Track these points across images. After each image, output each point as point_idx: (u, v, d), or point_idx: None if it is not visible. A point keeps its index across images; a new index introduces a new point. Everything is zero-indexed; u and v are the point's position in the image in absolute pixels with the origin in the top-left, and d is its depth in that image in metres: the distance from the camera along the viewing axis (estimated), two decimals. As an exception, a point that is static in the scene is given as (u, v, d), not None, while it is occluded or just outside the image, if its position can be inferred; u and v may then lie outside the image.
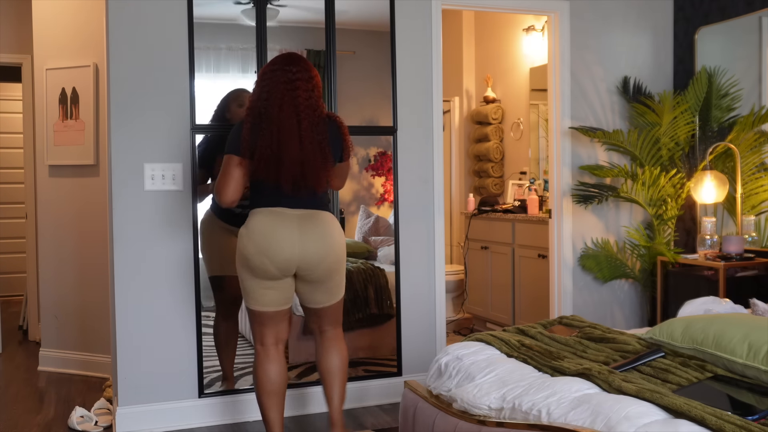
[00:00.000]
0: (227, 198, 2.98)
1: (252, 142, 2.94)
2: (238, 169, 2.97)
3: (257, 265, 2.96)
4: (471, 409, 2.38)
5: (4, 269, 7.86)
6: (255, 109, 2.97)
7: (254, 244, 2.95)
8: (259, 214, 3.00)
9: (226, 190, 2.97)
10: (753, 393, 2.17)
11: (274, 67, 3.02)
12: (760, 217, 4.20)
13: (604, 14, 4.59)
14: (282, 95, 2.95)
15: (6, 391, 4.50)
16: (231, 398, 3.81)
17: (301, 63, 3.03)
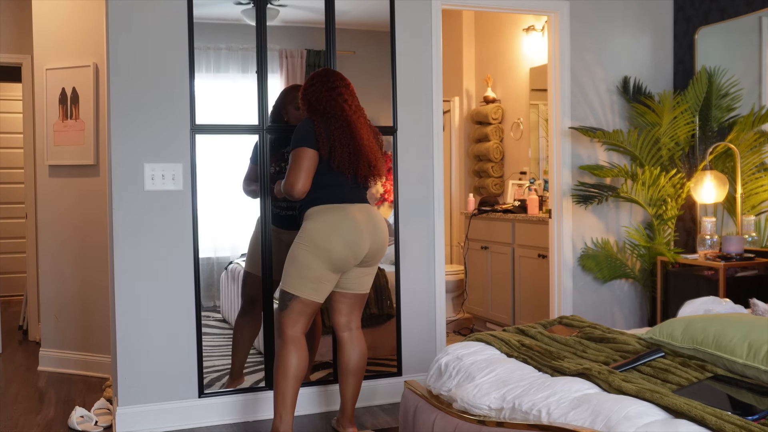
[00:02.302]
0: (302, 188, 3.17)
1: (327, 137, 3.19)
2: (312, 162, 3.19)
3: (340, 257, 3.19)
4: (471, 409, 2.38)
5: (4, 269, 7.86)
6: (318, 110, 3.26)
7: (342, 237, 3.17)
8: (337, 209, 3.23)
9: (301, 180, 3.16)
10: (753, 393, 2.17)
11: (314, 81, 3.35)
12: (760, 217, 4.20)
13: (604, 14, 4.59)
14: (337, 98, 3.28)
15: (6, 391, 4.50)
16: (231, 398, 3.81)
17: (338, 75, 3.41)
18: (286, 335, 3.23)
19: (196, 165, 3.73)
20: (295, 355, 3.21)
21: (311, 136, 3.19)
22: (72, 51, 4.79)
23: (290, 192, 3.18)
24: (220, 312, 4.05)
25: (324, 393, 3.95)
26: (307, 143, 3.19)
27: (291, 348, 3.22)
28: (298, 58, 4.03)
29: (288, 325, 3.24)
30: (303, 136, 3.20)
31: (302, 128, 3.23)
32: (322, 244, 3.17)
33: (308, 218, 3.24)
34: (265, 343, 3.87)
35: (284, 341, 3.24)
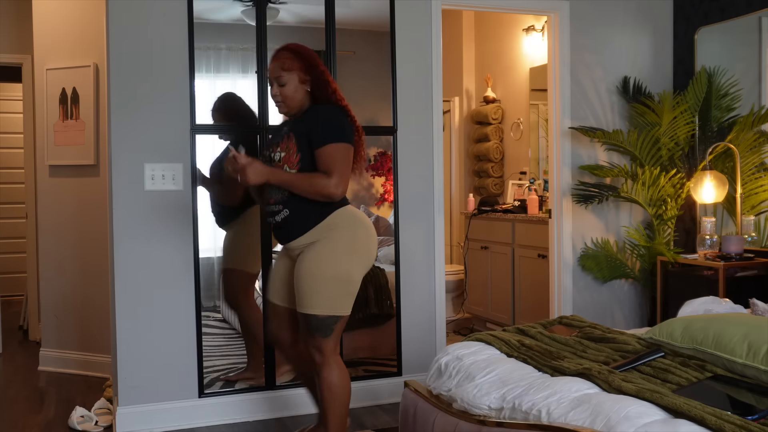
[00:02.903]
0: (345, 191, 2.84)
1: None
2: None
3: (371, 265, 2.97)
4: (471, 409, 2.38)
5: (4, 269, 7.86)
6: (336, 96, 2.89)
7: (375, 243, 2.94)
8: (361, 213, 3.01)
9: (347, 182, 2.83)
10: (753, 393, 2.17)
11: (318, 59, 2.95)
12: (759, 217, 4.20)
13: (604, 14, 4.59)
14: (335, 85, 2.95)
15: (6, 391, 4.50)
16: (231, 398, 3.81)
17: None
18: (333, 360, 2.88)
19: (196, 165, 3.73)
20: (347, 377, 2.92)
21: (351, 131, 2.86)
22: (72, 51, 4.79)
23: (336, 193, 2.77)
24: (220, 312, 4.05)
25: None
26: (351, 140, 2.85)
27: (343, 371, 2.91)
28: (298, 58, 4.02)
29: (332, 348, 2.89)
30: (347, 130, 2.83)
31: (342, 119, 2.85)
32: (369, 252, 2.90)
33: (344, 225, 2.86)
34: (265, 342, 3.87)
35: (331, 365, 2.87)
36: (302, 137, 2.82)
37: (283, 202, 2.84)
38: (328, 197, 2.80)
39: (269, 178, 2.80)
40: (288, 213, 2.85)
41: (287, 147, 2.83)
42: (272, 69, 2.87)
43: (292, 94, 2.86)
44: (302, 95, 2.88)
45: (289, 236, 2.89)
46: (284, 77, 2.84)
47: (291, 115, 2.94)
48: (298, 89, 2.87)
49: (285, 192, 2.83)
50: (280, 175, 2.81)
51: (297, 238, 2.86)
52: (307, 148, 2.81)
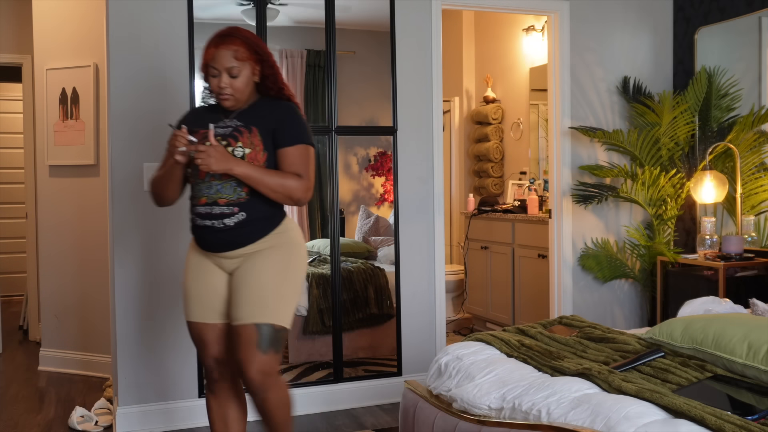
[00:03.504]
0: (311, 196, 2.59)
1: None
2: None
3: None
4: (471, 409, 2.38)
5: (4, 269, 7.86)
6: (289, 93, 2.65)
7: (306, 253, 2.68)
8: (293, 221, 2.67)
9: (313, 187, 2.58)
10: (753, 393, 2.17)
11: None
12: (759, 217, 4.20)
13: (604, 14, 4.59)
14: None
15: (6, 391, 4.50)
16: (231, 398, 3.81)
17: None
18: (279, 377, 2.54)
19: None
20: (289, 392, 2.60)
21: (312, 133, 2.64)
22: (72, 51, 4.79)
23: (305, 199, 2.53)
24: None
25: (324, 393, 3.95)
26: (312, 140, 2.61)
27: (287, 387, 2.59)
28: (298, 58, 4.04)
29: (278, 365, 2.53)
30: (308, 131, 2.60)
31: (303, 119, 2.61)
32: (304, 264, 2.64)
33: (293, 232, 2.60)
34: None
35: (280, 383, 2.54)
36: (268, 134, 2.51)
37: (239, 204, 2.47)
38: (296, 202, 2.52)
39: (233, 168, 2.42)
40: (244, 216, 2.48)
41: (251, 143, 2.49)
42: (221, 58, 2.49)
43: (243, 88, 2.52)
44: (252, 89, 2.57)
45: (239, 242, 2.50)
46: (237, 68, 2.49)
47: (235, 106, 2.56)
48: (249, 82, 2.55)
49: (241, 192, 2.47)
50: (246, 166, 2.44)
51: (248, 245, 2.50)
52: (271, 147, 2.51)
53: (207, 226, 2.50)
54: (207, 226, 2.50)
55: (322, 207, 4.13)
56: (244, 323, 2.46)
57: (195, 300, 2.59)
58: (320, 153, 4.09)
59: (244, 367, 2.46)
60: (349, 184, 4.20)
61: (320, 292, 4.00)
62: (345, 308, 4.03)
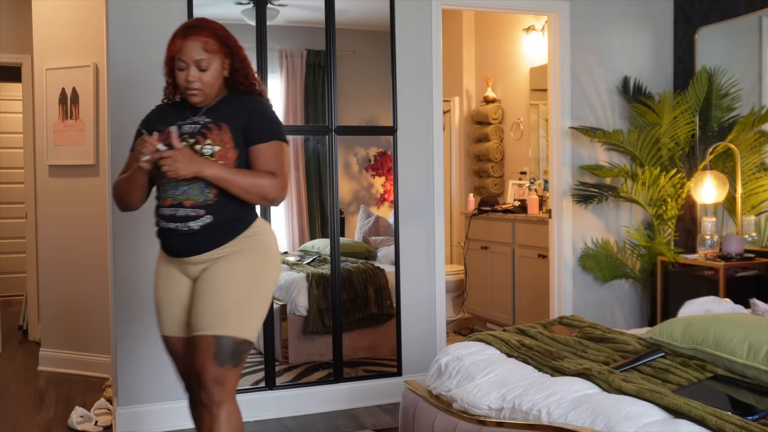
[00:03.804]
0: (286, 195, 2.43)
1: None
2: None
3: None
4: (471, 409, 2.38)
5: (4, 269, 7.86)
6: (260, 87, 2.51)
7: (280, 259, 2.52)
8: (266, 223, 2.51)
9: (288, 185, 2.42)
10: (753, 393, 2.17)
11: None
12: (760, 217, 4.20)
13: (604, 14, 4.59)
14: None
15: (6, 391, 4.50)
16: (231, 398, 3.80)
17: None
18: (234, 397, 2.37)
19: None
20: (241, 417, 2.42)
21: (284, 129, 2.49)
22: (72, 51, 4.79)
23: (280, 198, 2.39)
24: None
25: (324, 393, 3.95)
26: (285, 136, 2.45)
27: (239, 411, 2.40)
28: (298, 58, 4.03)
29: (235, 381, 2.36)
30: (280, 126, 2.45)
31: (275, 115, 2.46)
32: (280, 269, 2.49)
33: (262, 235, 2.42)
34: (265, 342, 3.87)
35: (233, 403, 2.36)
36: (238, 131, 2.36)
37: (206, 207, 2.32)
38: (272, 201, 2.37)
39: (203, 170, 2.27)
40: (211, 219, 2.32)
41: (221, 140, 2.34)
42: (189, 49, 2.35)
43: (212, 82, 2.37)
44: (221, 83, 2.42)
45: (204, 247, 2.34)
46: (206, 61, 2.35)
47: (204, 102, 2.41)
48: (219, 76, 2.40)
49: (209, 193, 2.33)
50: (216, 167, 2.29)
51: (213, 250, 2.34)
52: (243, 144, 2.36)
53: (171, 228, 2.35)
54: (171, 228, 2.35)
55: (322, 207, 4.13)
56: (203, 334, 2.29)
57: (166, 314, 2.45)
58: (320, 153, 4.09)
59: (199, 377, 2.30)
60: (349, 184, 4.20)
61: (320, 292, 4.00)
62: (345, 308, 4.03)
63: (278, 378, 3.91)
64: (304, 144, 4.10)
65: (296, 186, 4.13)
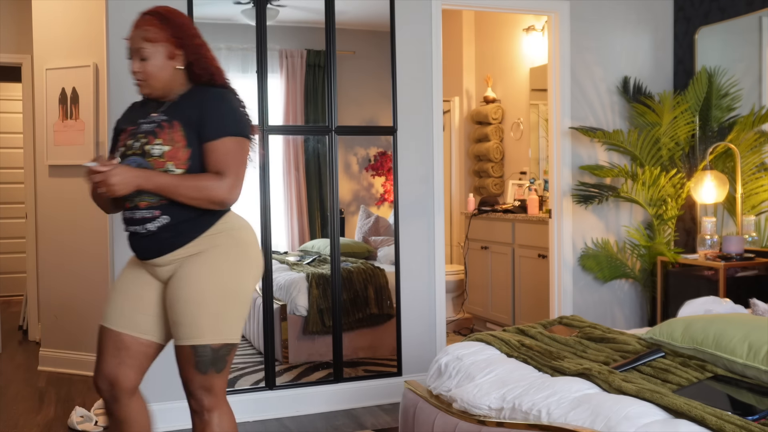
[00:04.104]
0: (240, 194, 2.26)
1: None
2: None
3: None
4: (471, 409, 2.38)
5: (4, 269, 7.86)
6: (221, 78, 2.36)
7: (259, 253, 2.40)
8: (242, 217, 2.40)
9: (242, 184, 2.26)
10: (753, 393, 2.17)
11: (193, 25, 2.39)
12: (760, 217, 4.20)
13: (604, 14, 4.59)
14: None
15: (6, 391, 4.50)
16: (230, 398, 3.78)
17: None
18: (225, 402, 2.35)
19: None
20: (235, 421, 2.43)
21: (249, 125, 2.31)
22: (72, 51, 4.79)
23: (230, 199, 2.21)
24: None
25: (324, 393, 3.95)
26: (249, 135, 2.30)
27: (232, 414, 2.41)
28: (298, 58, 4.03)
29: (224, 387, 2.34)
30: (244, 123, 2.29)
31: (239, 108, 2.30)
32: (260, 263, 2.37)
33: (233, 231, 2.30)
34: (265, 342, 3.87)
35: (224, 409, 2.36)
36: (191, 127, 2.22)
37: (161, 207, 2.22)
38: (221, 204, 2.21)
39: (142, 184, 2.17)
40: (168, 219, 2.23)
41: (171, 138, 2.21)
42: (133, 38, 2.28)
43: (156, 72, 2.25)
44: (170, 74, 2.28)
45: (165, 248, 2.24)
46: (147, 50, 2.25)
47: (156, 96, 2.32)
48: (166, 66, 2.26)
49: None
50: (156, 178, 2.18)
51: (176, 250, 2.24)
52: (196, 142, 2.22)
53: (132, 232, 2.28)
54: (132, 232, 2.28)
55: (322, 207, 4.13)
56: (181, 344, 2.23)
57: (113, 303, 2.35)
58: (320, 153, 4.09)
59: (185, 385, 2.28)
60: (349, 184, 4.20)
61: (320, 292, 4.00)
62: (345, 308, 4.03)
63: (278, 378, 3.91)
64: (304, 144, 4.10)
65: (296, 186, 4.13)
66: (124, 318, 2.33)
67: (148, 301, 2.33)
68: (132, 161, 2.23)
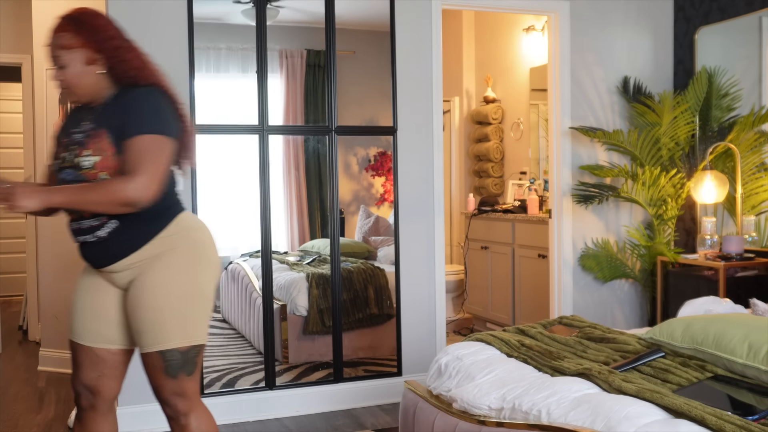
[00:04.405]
0: (158, 193, 2.11)
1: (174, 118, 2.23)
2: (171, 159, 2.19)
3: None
4: (471, 409, 2.38)
5: (4, 269, 7.86)
6: (151, 75, 2.23)
7: (216, 253, 2.34)
8: (195, 216, 2.36)
9: (161, 182, 2.11)
10: (753, 393, 2.17)
11: (114, 26, 2.28)
12: (760, 217, 4.20)
13: (604, 14, 4.59)
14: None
15: (6, 391, 4.50)
16: (231, 398, 3.81)
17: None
18: (200, 403, 2.29)
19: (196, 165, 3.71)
20: (214, 421, 2.34)
21: (172, 120, 2.18)
22: (72, 51, 4.78)
23: (140, 198, 2.05)
24: (220, 312, 4.06)
25: (324, 393, 3.95)
26: (171, 131, 2.16)
27: (210, 414, 2.33)
28: (298, 58, 4.03)
29: (197, 389, 2.29)
30: (164, 118, 2.15)
31: (159, 103, 2.16)
32: (217, 259, 2.31)
33: (188, 230, 2.23)
34: (265, 342, 3.87)
35: (200, 410, 2.29)
36: (116, 133, 2.11)
37: (102, 213, 2.13)
38: (132, 205, 2.06)
39: (49, 201, 2.07)
40: (117, 224, 2.14)
41: (99, 148, 2.10)
42: (51, 46, 2.21)
43: (76, 80, 2.16)
44: (92, 80, 2.17)
45: (119, 254, 2.17)
46: (64, 57, 2.17)
47: (85, 102, 2.23)
48: (86, 72, 2.16)
49: None
50: (64, 192, 2.08)
51: (131, 255, 2.16)
52: (122, 147, 2.11)
53: (81, 242, 2.20)
54: (81, 242, 2.20)
55: (322, 207, 4.13)
56: (148, 352, 2.18)
57: (77, 318, 2.30)
58: (320, 153, 4.09)
59: (157, 392, 2.25)
60: (349, 184, 4.20)
61: (320, 292, 4.00)
62: (345, 308, 4.03)
63: (278, 378, 3.91)
64: (304, 144, 4.10)
65: (296, 186, 4.13)
66: (92, 333, 2.29)
67: (109, 310, 2.27)
68: (68, 174, 2.14)
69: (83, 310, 2.29)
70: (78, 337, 2.30)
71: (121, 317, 2.27)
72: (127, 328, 2.28)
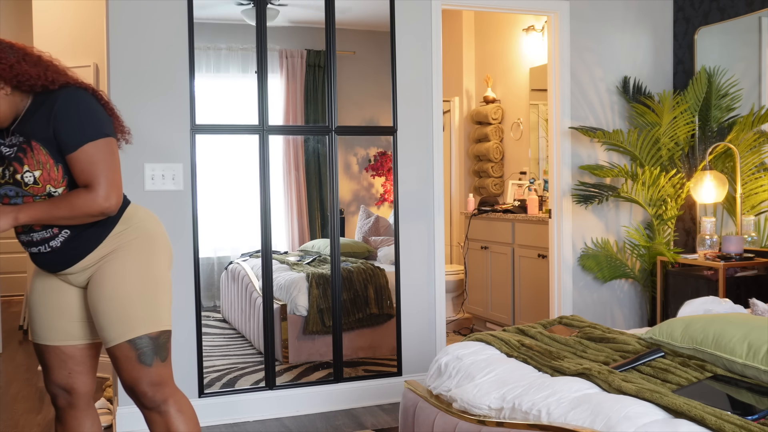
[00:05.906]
0: (121, 197, 2.14)
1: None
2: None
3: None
4: (471, 408, 2.38)
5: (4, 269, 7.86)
6: (66, 77, 2.26)
7: (168, 241, 2.36)
8: (141, 207, 2.35)
9: (120, 185, 2.13)
10: (753, 393, 2.17)
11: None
12: (759, 217, 4.20)
13: (604, 14, 4.60)
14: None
15: (6, 391, 4.50)
16: (231, 398, 3.81)
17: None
18: (176, 388, 2.29)
19: (196, 165, 3.73)
20: (191, 404, 2.34)
21: (103, 116, 2.16)
22: (72, 51, 4.78)
23: (109, 206, 2.09)
24: (220, 312, 4.06)
25: (324, 393, 3.95)
26: (108, 129, 2.16)
27: (186, 398, 2.32)
28: (298, 58, 4.04)
29: (169, 374, 2.27)
30: (99, 117, 2.14)
31: (88, 104, 2.14)
32: (170, 247, 2.34)
33: (139, 222, 2.25)
34: (265, 342, 3.88)
35: (178, 394, 2.28)
36: (50, 143, 2.08)
37: (59, 225, 2.14)
38: (102, 215, 2.11)
39: (17, 219, 2.05)
40: (69, 233, 2.15)
41: (37, 162, 2.07)
42: None
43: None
44: (5, 103, 2.11)
45: (74, 258, 2.18)
46: None
47: (7, 125, 2.14)
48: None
49: None
50: (30, 209, 2.07)
51: (85, 257, 2.18)
52: (60, 156, 2.09)
53: (35, 252, 2.19)
54: (35, 252, 2.19)
55: (322, 207, 4.13)
56: (117, 344, 2.16)
57: (38, 320, 2.29)
58: (320, 153, 4.09)
59: (132, 386, 2.21)
60: (349, 184, 4.20)
61: (320, 292, 4.01)
62: (345, 308, 4.04)
63: (278, 378, 3.91)
64: (304, 144, 4.10)
65: (296, 186, 4.13)
66: (55, 331, 2.28)
67: (69, 308, 2.27)
68: (9, 190, 2.10)
69: (44, 311, 2.29)
70: (42, 338, 2.30)
71: (82, 313, 2.28)
72: (91, 323, 2.28)
